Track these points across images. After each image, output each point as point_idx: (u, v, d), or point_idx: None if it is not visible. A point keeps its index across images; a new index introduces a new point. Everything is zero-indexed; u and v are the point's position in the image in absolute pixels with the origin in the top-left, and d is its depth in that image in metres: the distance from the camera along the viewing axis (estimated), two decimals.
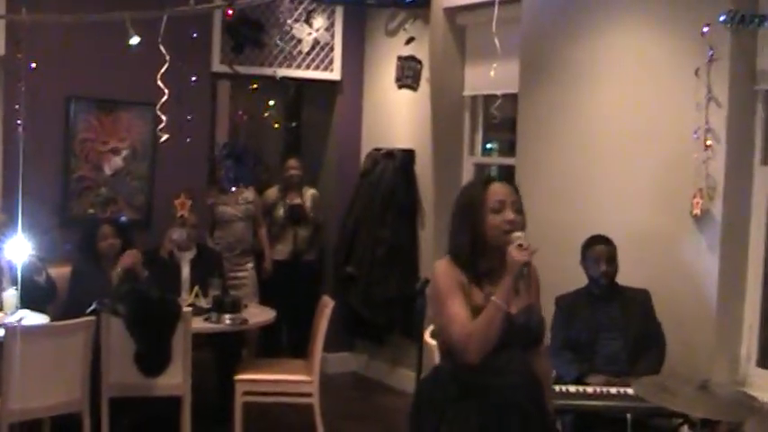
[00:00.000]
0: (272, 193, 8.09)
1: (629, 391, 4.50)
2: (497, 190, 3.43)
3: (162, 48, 5.54)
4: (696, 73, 5.25)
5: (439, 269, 3.51)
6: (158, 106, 5.80)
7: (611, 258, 5.23)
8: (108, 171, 7.30)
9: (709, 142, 5.22)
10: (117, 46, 5.82)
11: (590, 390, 4.65)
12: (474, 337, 3.32)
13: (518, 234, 3.34)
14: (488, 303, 3.32)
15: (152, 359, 5.73)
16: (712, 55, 5.17)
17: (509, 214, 3.37)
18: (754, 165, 5.34)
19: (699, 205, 5.25)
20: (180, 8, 5.46)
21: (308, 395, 6.15)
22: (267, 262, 7.91)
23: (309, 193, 8.12)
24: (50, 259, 6.26)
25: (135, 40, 5.48)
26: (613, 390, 4.69)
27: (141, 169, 7.42)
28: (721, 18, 5.03)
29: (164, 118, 5.93)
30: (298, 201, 7.98)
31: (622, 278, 5.29)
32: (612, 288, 5.24)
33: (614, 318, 5.15)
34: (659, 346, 5.18)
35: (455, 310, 3.37)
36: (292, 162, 8.06)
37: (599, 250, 5.24)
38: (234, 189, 7.68)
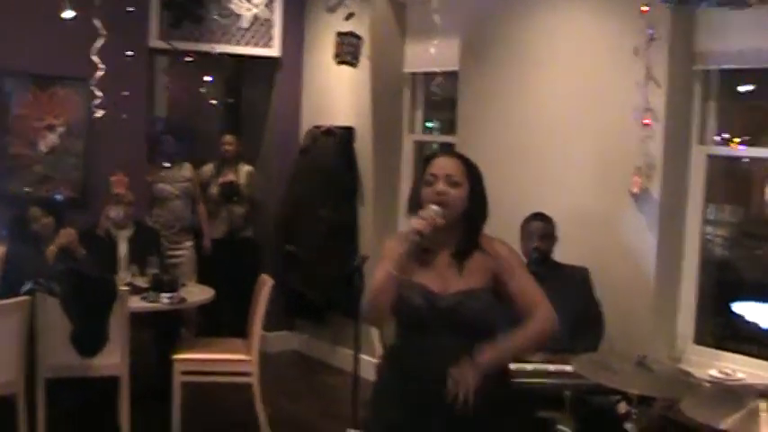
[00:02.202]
0: (208, 169, 8.09)
1: (568, 368, 4.52)
2: (435, 163, 3.42)
3: (98, 22, 5.44)
4: (635, 52, 5.27)
5: (389, 239, 3.51)
6: (94, 82, 5.71)
7: (546, 235, 5.26)
8: (43, 148, 7.14)
9: (647, 121, 5.26)
10: (53, 20, 5.70)
11: (529, 367, 4.66)
12: (366, 301, 3.35)
13: (433, 207, 3.29)
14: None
15: (89, 339, 5.64)
16: (652, 34, 5.20)
17: (438, 186, 3.34)
18: (692, 144, 5.40)
19: (638, 184, 5.29)
20: None
21: (248, 374, 6.11)
22: (206, 240, 7.89)
23: (245, 169, 8.11)
24: None
25: (69, 14, 5.38)
26: (552, 367, 4.69)
27: (77, 146, 7.27)
28: None
29: (99, 94, 5.83)
30: (231, 178, 7.96)
31: (562, 256, 5.32)
32: (551, 265, 5.27)
33: (553, 295, 5.12)
34: (598, 323, 5.22)
35: (374, 277, 3.36)
36: (228, 138, 8.08)
37: (534, 226, 5.28)
38: (170, 165, 7.61)
